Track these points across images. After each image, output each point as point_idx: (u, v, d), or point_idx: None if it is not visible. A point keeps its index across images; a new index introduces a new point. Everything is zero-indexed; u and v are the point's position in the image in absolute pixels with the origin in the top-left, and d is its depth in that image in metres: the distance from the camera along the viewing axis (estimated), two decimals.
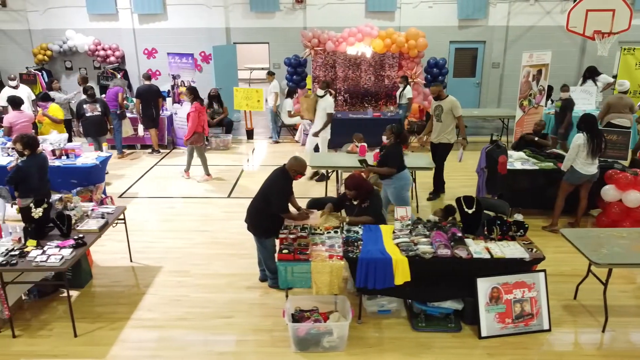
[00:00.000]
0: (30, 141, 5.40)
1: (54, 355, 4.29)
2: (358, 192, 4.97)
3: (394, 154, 5.99)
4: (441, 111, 7.51)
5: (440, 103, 7.53)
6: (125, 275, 5.62)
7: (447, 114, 7.44)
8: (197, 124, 8.27)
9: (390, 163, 5.98)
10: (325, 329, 4.27)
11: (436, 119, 7.59)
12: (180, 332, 4.60)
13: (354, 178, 5.03)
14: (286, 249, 4.47)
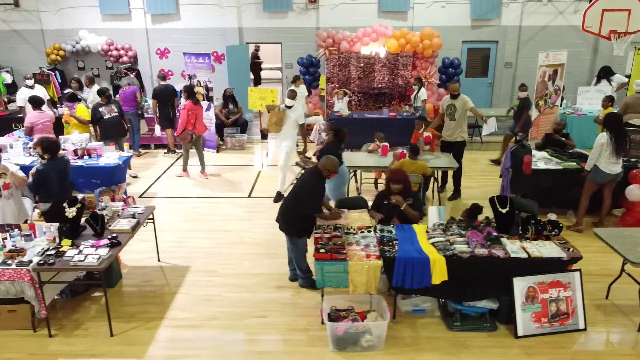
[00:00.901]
0: (50, 145, 5.36)
1: (91, 354, 4.30)
2: (404, 187, 4.97)
3: (330, 151, 6.03)
4: (454, 110, 7.62)
5: (454, 102, 7.63)
6: (155, 274, 5.63)
7: (461, 111, 7.57)
8: (187, 122, 8.43)
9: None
10: (364, 328, 4.28)
11: (449, 117, 7.65)
12: (215, 331, 4.60)
13: (400, 173, 5.05)
14: (323, 249, 4.47)
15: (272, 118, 7.42)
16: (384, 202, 5.21)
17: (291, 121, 7.48)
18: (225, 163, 9.74)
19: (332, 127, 6.44)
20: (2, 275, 4.30)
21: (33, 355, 4.30)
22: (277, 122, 7.44)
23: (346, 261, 4.37)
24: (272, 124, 7.44)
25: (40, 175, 5.20)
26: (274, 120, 7.41)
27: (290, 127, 7.51)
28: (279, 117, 7.42)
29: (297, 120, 7.55)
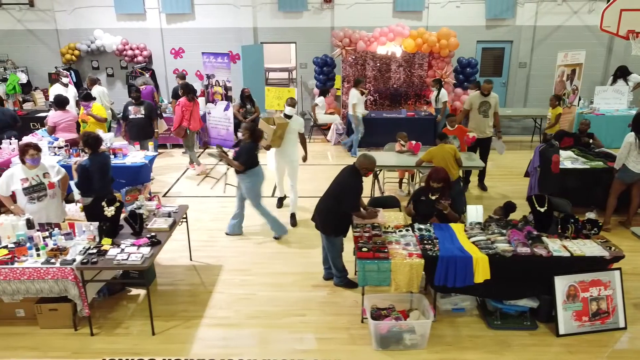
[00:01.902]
0: (91, 140, 5.39)
1: (135, 353, 4.30)
2: (445, 186, 4.98)
3: (245, 151, 6.08)
4: (488, 107, 7.82)
5: (487, 99, 7.80)
6: (188, 273, 5.63)
7: (493, 109, 7.84)
8: (182, 118, 8.63)
9: (241, 159, 6.07)
10: (407, 326, 4.29)
11: (483, 114, 7.77)
12: (257, 330, 4.61)
13: (441, 172, 5.05)
14: (365, 247, 4.48)
15: (277, 131, 6.45)
16: (421, 198, 5.21)
17: (294, 132, 6.74)
18: None
19: (247, 128, 6.16)
20: (46, 274, 4.31)
21: (77, 354, 4.31)
22: (282, 136, 6.57)
23: (389, 260, 4.37)
24: (277, 137, 6.49)
25: (84, 170, 5.23)
26: (279, 133, 6.49)
27: (293, 139, 6.76)
28: (283, 129, 6.53)
29: (300, 130, 6.83)
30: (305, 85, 13.16)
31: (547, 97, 12.39)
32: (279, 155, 6.82)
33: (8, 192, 4.97)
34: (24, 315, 4.73)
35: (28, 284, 4.34)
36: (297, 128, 6.76)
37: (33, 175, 5.02)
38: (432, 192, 5.11)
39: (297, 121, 6.75)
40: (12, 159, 7.31)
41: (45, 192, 5.09)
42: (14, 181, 4.96)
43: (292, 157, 6.74)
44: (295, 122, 6.70)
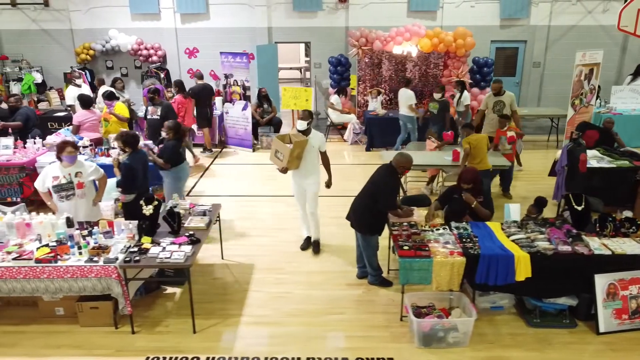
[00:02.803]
0: (129, 139, 5.43)
1: (179, 350, 4.32)
2: (475, 186, 5.00)
3: (169, 149, 6.09)
4: (503, 106, 7.93)
5: (501, 98, 7.94)
6: (222, 272, 5.65)
7: (508, 107, 7.92)
8: (178, 114, 8.83)
9: (165, 157, 6.09)
10: (450, 324, 4.30)
11: (498, 114, 7.82)
12: (297, 328, 4.63)
13: (471, 172, 5.07)
14: (406, 246, 4.49)
15: (293, 150, 5.43)
16: (453, 196, 5.23)
17: (313, 151, 5.71)
18: (264, 162, 9.74)
19: (170, 126, 6.12)
20: (90, 272, 4.32)
21: (120, 352, 4.32)
22: (300, 156, 5.59)
23: (430, 258, 4.39)
24: (294, 158, 5.53)
25: (127, 168, 5.26)
26: (296, 153, 5.50)
27: (313, 158, 5.74)
28: (302, 148, 5.55)
29: (320, 148, 5.77)
30: (319, 84, 13.17)
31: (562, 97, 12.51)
32: (296, 178, 5.85)
33: (44, 188, 5.03)
34: (64, 313, 4.75)
35: (71, 282, 4.36)
36: (317, 145, 5.72)
37: (65, 174, 5.04)
38: (463, 192, 5.13)
39: (316, 137, 5.72)
40: (37, 158, 7.34)
41: (74, 192, 5.09)
42: (48, 179, 5.00)
43: (311, 179, 5.78)
44: (314, 139, 5.67)
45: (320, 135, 5.83)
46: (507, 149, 7.34)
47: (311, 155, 5.70)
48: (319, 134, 5.83)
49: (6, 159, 7.22)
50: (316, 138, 5.72)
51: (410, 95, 9.58)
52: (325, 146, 5.82)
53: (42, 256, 4.36)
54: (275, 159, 5.70)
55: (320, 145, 5.74)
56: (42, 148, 7.59)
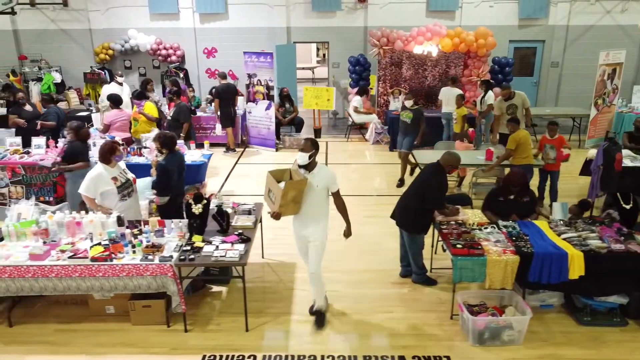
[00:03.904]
0: (167, 140, 5.42)
1: (234, 349, 4.32)
2: (522, 187, 5.01)
3: (77, 149, 6.13)
4: (515, 109, 8.16)
5: (513, 102, 8.17)
6: (264, 271, 5.66)
7: (521, 108, 8.15)
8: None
9: (81, 158, 6.12)
10: (505, 323, 4.31)
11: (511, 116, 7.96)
12: (348, 326, 4.64)
13: (519, 174, 5.08)
14: (459, 244, 4.50)
15: (287, 192, 4.19)
16: (499, 199, 5.24)
17: (318, 192, 4.33)
18: (288, 161, 9.75)
19: (71, 127, 6.12)
20: (145, 271, 4.33)
21: (176, 350, 4.33)
22: (297, 199, 4.31)
23: (484, 256, 4.40)
24: (289, 202, 4.26)
25: (164, 169, 5.25)
26: (291, 195, 4.23)
27: (318, 202, 4.39)
28: (299, 189, 4.26)
29: (330, 189, 4.41)
30: (338, 84, 13.18)
31: (580, 97, 12.55)
32: (296, 225, 4.61)
33: (96, 193, 4.93)
34: (114, 312, 4.76)
35: (126, 280, 4.37)
36: (324, 185, 4.33)
37: (117, 174, 5.05)
38: (510, 193, 5.15)
39: (322, 176, 4.32)
40: None
41: (132, 188, 5.16)
42: (102, 182, 4.93)
43: (313, 229, 4.45)
44: (319, 178, 4.30)
45: (328, 173, 4.39)
46: (550, 159, 6.97)
47: (315, 198, 4.33)
48: (327, 171, 4.40)
49: (39, 158, 7.24)
50: (322, 176, 4.32)
51: (457, 92, 9.56)
52: (336, 186, 4.41)
53: (97, 255, 4.37)
54: (267, 199, 4.49)
55: (329, 186, 4.37)
56: None
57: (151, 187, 5.50)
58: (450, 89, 9.67)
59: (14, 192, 7.24)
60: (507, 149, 6.69)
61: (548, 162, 6.98)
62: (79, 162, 6.16)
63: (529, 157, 6.68)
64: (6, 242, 4.69)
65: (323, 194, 4.41)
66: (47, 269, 4.33)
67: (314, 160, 4.33)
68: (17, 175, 7.16)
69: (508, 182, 5.13)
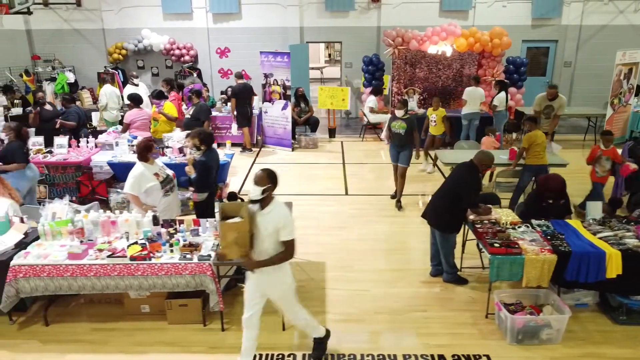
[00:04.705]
0: (207, 137, 5.45)
1: (273, 347, 4.33)
2: (562, 192, 5.04)
3: (10, 151, 6.09)
4: (551, 110, 8.25)
5: (553, 103, 8.14)
6: (294, 270, 5.43)
7: (554, 112, 8.29)
8: (179, 111, 8.98)
9: (17, 159, 6.08)
10: (543, 321, 4.31)
11: (545, 116, 8.03)
12: (385, 325, 4.64)
13: (558, 180, 5.08)
14: (496, 243, 4.51)
15: (227, 233, 3.58)
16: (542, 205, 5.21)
17: (267, 237, 3.60)
18: (305, 161, 9.79)
19: (11, 127, 6.09)
20: (184, 270, 4.34)
21: (215, 349, 4.33)
22: (242, 242, 3.59)
23: (522, 255, 4.41)
24: (230, 244, 3.60)
25: (205, 166, 5.27)
26: (232, 237, 3.58)
27: (269, 246, 3.64)
28: (241, 231, 3.57)
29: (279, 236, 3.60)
30: (350, 84, 13.19)
31: (593, 97, 12.56)
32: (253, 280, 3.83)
33: (140, 191, 4.97)
34: (149, 311, 4.77)
35: (165, 279, 4.38)
36: (274, 229, 3.58)
37: (157, 170, 5.07)
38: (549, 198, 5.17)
39: (272, 216, 3.60)
40: (92, 157, 7.37)
41: (173, 183, 5.21)
42: (145, 179, 4.98)
43: (268, 283, 3.79)
44: (268, 218, 3.59)
45: (281, 215, 3.61)
46: (605, 171, 6.63)
47: (264, 244, 3.61)
48: (281, 212, 3.62)
49: (63, 158, 7.25)
50: (273, 218, 3.58)
51: (482, 93, 9.72)
52: (290, 234, 3.60)
53: (135, 254, 4.38)
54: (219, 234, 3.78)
55: (279, 231, 3.57)
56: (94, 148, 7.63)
57: (188, 184, 5.52)
58: (474, 89, 9.66)
59: (37, 191, 7.24)
60: (521, 147, 6.71)
61: (602, 174, 6.61)
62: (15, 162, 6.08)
63: (543, 157, 6.62)
64: (42, 241, 4.70)
65: (274, 239, 3.59)
66: (86, 268, 4.34)
67: (270, 196, 3.62)
68: (41, 174, 7.16)
69: (544, 187, 5.14)
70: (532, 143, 6.59)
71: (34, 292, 4.40)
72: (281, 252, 3.65)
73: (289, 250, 3.66)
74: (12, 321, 4.69)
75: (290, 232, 3.62)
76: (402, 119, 7.06)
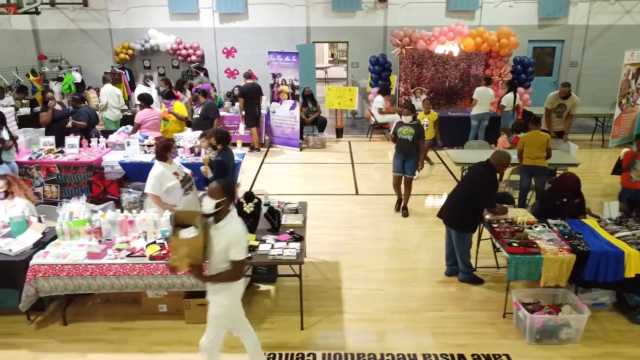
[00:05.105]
0: (224, 136, 5.46)
1: (293, 347, 4.34)
2: (576, 190, 5.05)
3: None
4: (564, 109, 8.23)
5: (565, 102, 8.03)
6: (309, 270, 5.65)
7: (569, 110, 8.26)
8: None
9: None
10: (563, 321, 4.32)
11: (557, 115, 8.03)
12: (402, 325, 4.65)
13: (573, 178, 5.09)
14: (515, 243, 4.51)
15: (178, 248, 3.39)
16: (555, 203, 5.23)
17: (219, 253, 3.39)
18: (313, 161, 9.79)
19: None
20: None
21: (234, 349, 4.33)
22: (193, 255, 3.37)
23: (541, 255, 4.41)
24: (182, 257, 3.37)
25: (222, 165, 5.28)
26: (183, 252, 3.36)
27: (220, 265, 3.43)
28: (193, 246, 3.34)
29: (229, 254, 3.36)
30: (357, 84, 13.19)
31: (599, 97, 12.56)
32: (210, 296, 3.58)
33: (161, 190, 4.98)
34: (166, 310, 4.77)
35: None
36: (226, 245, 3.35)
37: (176, 170, 5.09)
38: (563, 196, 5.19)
39: (226, 231, 3.38)
40: (103, 157, 7.37)
41: (192, 181, 5.22)
42: (166, 178, 4.99)
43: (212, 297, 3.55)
44: (221, 233, 3.38)
45: (235, 231, 3.39)
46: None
47: (217, 259, 3.41)
48: (235, 229, 3.40)
49: (74, 157, 7.25)
50: (225, 233, 3.37)
51: (492, 93, 9.77)
52: (238, 253, 3.36)
53: (154, 253, 4.38)
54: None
55: (229, 248, 3.34)
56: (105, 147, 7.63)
57: (204, 184, 5.53)
58: (485, 89, 9.67)
59: (48, 191, 7.26)
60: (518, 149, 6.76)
61: (637, 179, 6.06)
62: None
63: (538, 159, 6.52)
64: (60, 241, 4.70)
65: (225, 255, 3.37)
66: (105, 268, 4.35)
67: (225, 210, 3.40)
68: (52, 174, 7.19)
69: (561, 187, 5.15)
70: (526, 143, 6.58)
71: (53, 291, 4.41)
72: (226, 271, 3.39)
73: (235, 270, 3.40)
74: (30, 320, 4.70)
75: (239, 251, 3.37)
76: (410, 125, 6.71)
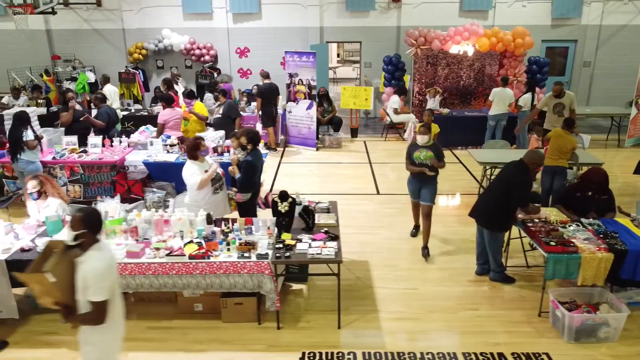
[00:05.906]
0: (255, 136, 5.47)
1: (332, 346, 4.34)
2: (601, 186, 5.06)
3: None
4: (562, 108, 8.18)
5: (561, 100, 8.17)
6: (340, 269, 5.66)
7: (568, 108, 8.16)
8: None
9: None
10: (602, 320, 4.33)
11: (558, 114, 8.12)
12: (439, 324, 4.66)
13: (600, 173, 5.10)
14: (552, 242, 4.52)
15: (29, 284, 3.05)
16: (576, 194, 5.26)
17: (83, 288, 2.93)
18: (330, 161, 9.80)
19: None
20: (243, 268, 4.35)
21: (274, 347, 4.35)
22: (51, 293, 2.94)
23: (579, 254, 4.42)
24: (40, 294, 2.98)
25: (250, 165, 5.29)
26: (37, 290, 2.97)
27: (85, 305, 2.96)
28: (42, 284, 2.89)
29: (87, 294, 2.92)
30: (370, 84, 13.20)
31: (612, 97, 12.58)
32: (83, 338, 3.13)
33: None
34: (202, 309, 4.78)
35: (223, 277, 4.39)
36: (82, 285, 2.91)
37: (207, 168, 5.11)
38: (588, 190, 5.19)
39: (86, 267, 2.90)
40: (126, 156, 7.38)
41: (222, 181, 5.23)
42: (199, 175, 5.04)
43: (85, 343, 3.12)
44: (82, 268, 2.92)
45: (94, 268, 2.90)
46: None
47: (82, 295, 2.94)
48: (96, 265, 2.91)
49: (97, 157, 7.26)
50: (85, 269, 2.91)
51: (511, 93, 9.75)
52: (95, 294, 2.89)
53: (194, 252, 4.39)
54: None
55: (87, 287, 2.90)
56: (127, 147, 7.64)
57: (231, 184, 5.54)
58: (502, 89, 9.66)
59: (72, 190, 7.27)
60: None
61: None
62: None
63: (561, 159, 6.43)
64: None
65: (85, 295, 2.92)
66: (145, 267, 4.35)
67: (89, 242, 2.97)
68: (76, 174, 7.20)
69: (587, 179, 5.16)
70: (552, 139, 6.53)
71: None
72: (87, 312, 2.94)
73: (94, 312, 2.92)
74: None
75: (96, 291, 2.88)
76: (427, 147, 5.66)
